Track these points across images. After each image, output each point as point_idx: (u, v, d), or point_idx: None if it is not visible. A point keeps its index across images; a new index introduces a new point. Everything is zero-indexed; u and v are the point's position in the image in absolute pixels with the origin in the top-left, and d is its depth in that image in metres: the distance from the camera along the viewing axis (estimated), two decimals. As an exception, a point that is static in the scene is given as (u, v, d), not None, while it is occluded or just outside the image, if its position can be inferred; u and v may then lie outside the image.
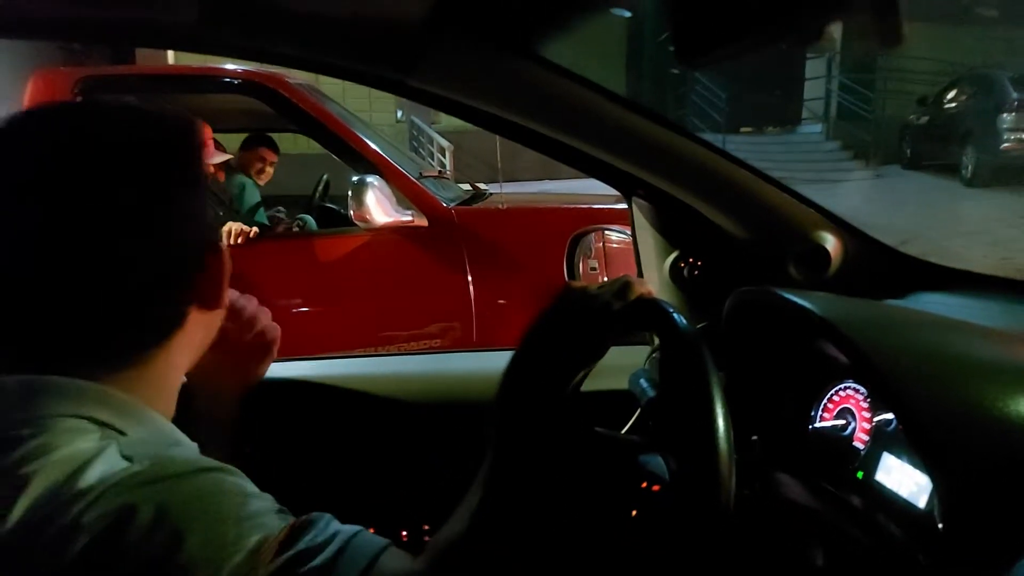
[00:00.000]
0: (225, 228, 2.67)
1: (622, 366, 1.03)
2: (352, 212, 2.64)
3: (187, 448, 0.62)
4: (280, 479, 1.04)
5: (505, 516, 0.58)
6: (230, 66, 2.91)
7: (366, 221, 2.63)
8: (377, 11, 0.86)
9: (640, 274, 1.18)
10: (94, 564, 0.48)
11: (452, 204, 2.93)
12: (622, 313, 0.67)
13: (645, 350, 1.19)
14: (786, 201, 1.05)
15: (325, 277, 2.79)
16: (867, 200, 9.91)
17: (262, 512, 0.54)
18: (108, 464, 0.52)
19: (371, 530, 0.56)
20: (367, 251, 2.76)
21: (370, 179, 2.63)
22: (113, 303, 0.61)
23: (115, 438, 0.56)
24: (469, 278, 2.76)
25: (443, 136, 10.54)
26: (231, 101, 3.37)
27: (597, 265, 1.53)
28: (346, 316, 2.76)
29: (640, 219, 1.16)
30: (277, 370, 1.18)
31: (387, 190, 2.67)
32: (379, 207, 2.61)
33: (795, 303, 0.75)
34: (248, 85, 2.86)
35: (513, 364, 0.65)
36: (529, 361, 0.65)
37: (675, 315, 0.66)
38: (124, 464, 0.53)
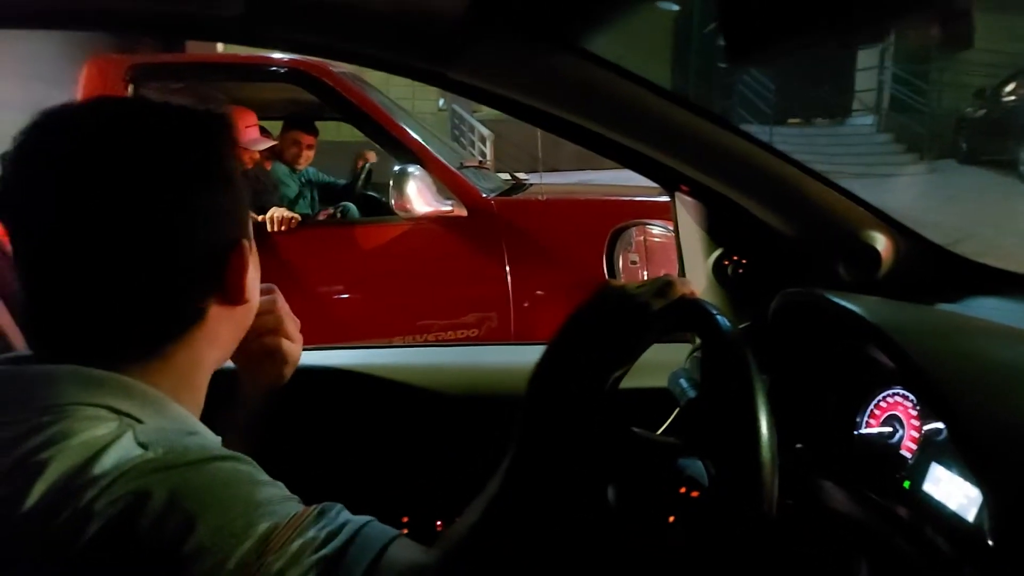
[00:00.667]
0: (268, 215, 2.70)
1: (662, 363, 1.02)
2: (393, 201, 2.66)
3: (204, 437, 0.62)
4: (309, 467, 1.06)
5: (521, 512, 0.57)
6: (277, 55, 2.94)
7: (406, 210, 2.65)
8: (418, 3, 0.86)
9: (682, 271, 1.16)
10: (107, 549, 0.49)
11: (492, 194, 2.93)
12: (662, 313, 0.66)
13: (686, 347, 1.17)
14: (835, 199, 1.02)
15: (365, 265, 2.81)
16: (920, 196, 9.62)
17: (273, 500, 0.55)
18: (123, 451, 0.53)
19: (404, 520, 0.56)
20: (407, 240, 2.78)
21: (411, 169, 2.65)
22: (131, 297, 0.62)
23: (132, 426, 0.56)
24: (507, 269, 2.75)
25: (484, 125, 10.54)
26: (278, 89, 3.42)
27: (638, 259, 1.51)
28: (385, 304, 2.77)
29: (683, 215, 1.14)
30: (308, 359, 1.19)
31: (428, 180, 2.69)
32: (420, 197, 2.63)
33: (843, 307, 0.73)
34: (294, 73, 2.88)
35: (545, 358, 0.63)
36: (561, 357, 0.63)
37: (718, 316, 0.64)
38: (139, 451, 0.54)
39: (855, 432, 0.86)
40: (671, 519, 0.56)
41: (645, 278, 1.51)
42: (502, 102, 0.98)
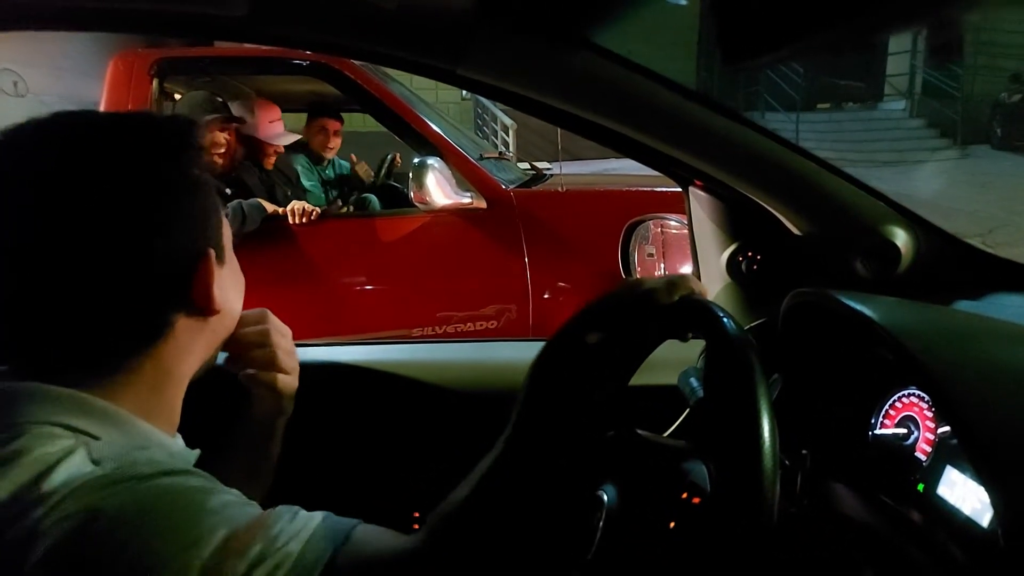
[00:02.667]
0: (288, 207, 2.72)
1: (675, 360, 1.01)
2: (412, 194, 2.67)
3: (160, 451, 0.61)
4: (318, 465, 1.07)
5: (506, 500, 0.56)
6: (299, 48, 2.95)
7: (426, 203, 2.65)
8: (427, 0, 0.85)
9: (696, 266, 1.14)
10: (57, 568, 0.48)
11: (511, 186, 2.92)
12: (667, 310, 0.65)
13: (699, 344, 1.15)
14: (854, 193, 0.99)
15: (384, 257, 2.82)
16: (953, 182, 9.40)
17: (228, 506, 0.55)
18: (74, 467, 0.53)
19: (416, 515, 0.56)
20: (427, 232, 2.78)
21: (430, 161, 2.65)
22: (92, 313, 0.61)
23: (87, 443, 0.56)
24: (527, 260, 2.75)
25: (507, 115, 10.50)
26: (300, 82, 3.43)
27: (654, 252, 1.50)
28: (404, 296, 2.79)
29: (697, 210, 1.12)
30: (316, 355, 1.20)
31: (447, 172, 2.69)
32: (439, 189, 2.63)
33: (853, 309, 0.71)
34: (316, 66, 2.89)
35: (549, 346, 0.63)
36: (564, 345, 0.62)
37: (723, 318, 0.63)
38: (91, 468, 0.53)
39: (870, 433, 0.84)
40: (672, 524, 0.56)
41: (662, 270, 1.51)
42: (514, 98, 0.97)
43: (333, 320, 2.74)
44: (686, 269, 1.40)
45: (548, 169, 3.45)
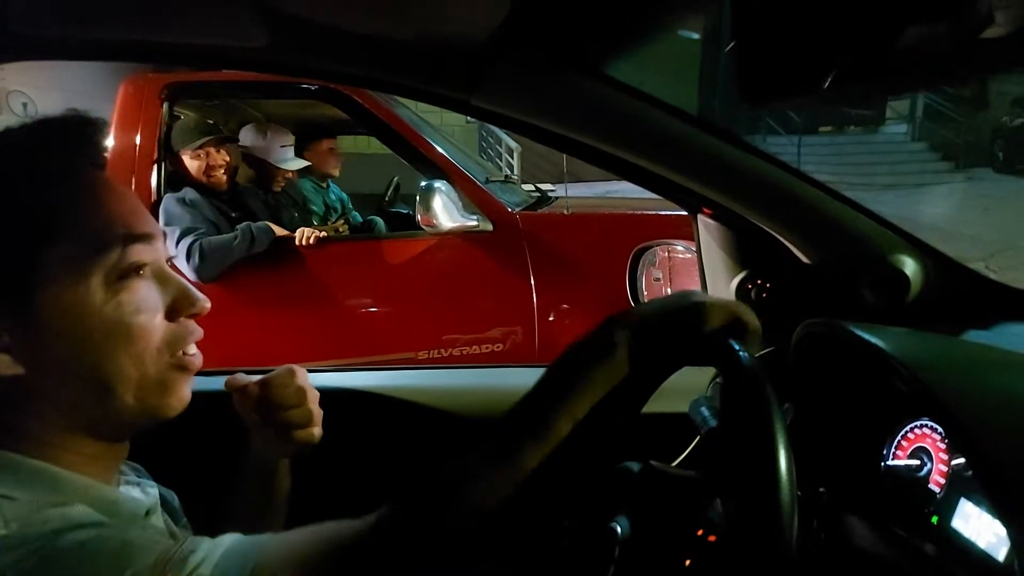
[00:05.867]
0: (299, 232, 2.74)
1: (684, 388, 1.00)
2: (419, 217, 2.68)
3: (78, 507, 0.58)
4: (328, 491, 1.06)
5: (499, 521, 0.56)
6: (307, 72, 2.98)
7: (433, 226, 2.67)
8: (441, 32, 0.86)
9: (705, 293, 1.14)
10: None
11: (518, 209, 2.93)
12: (678, 345, 0.64)
13: (709, 371, 1.15)
14: (863, 222, 1.00)
15: (391, 280, 2.83)
16: (955, 206, 9.40)
17: (137, 545, 0.54)
18: None
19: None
20: (433, 255, 2.79)
21: (437, 184, 2.66)
22: None
23: (0, 505, 0.55)
24: (533, 284, 2.75)
25: (511, 137, 10.54)
26: (308, 106, 3.46)
27: (661, 276, 1.50)
28: (411, 319, 2.79)
29: (706, 237, 1.12)
30: (323, 381, 1.19)
31: (454, 195, 2.70)
32: (445, 212, 2.64)
33: (866, 340, 0.71)
34: (324, 91, 2.92)
35: (571, 352, 0.62)
36: (562, 375, 0.61)
37: (739, 349, 0.63)
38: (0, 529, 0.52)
39: (882, 464, 0.84)
40: (687, 563, 0.55)
41: (659, 290, 1.50)
42: (524, 127, 0.97)
43: (340, 342, 2.74)
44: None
45: (552, 191, 3.46)
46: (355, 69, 0.89)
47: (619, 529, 0.61)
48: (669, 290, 1.49)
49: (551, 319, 2.76)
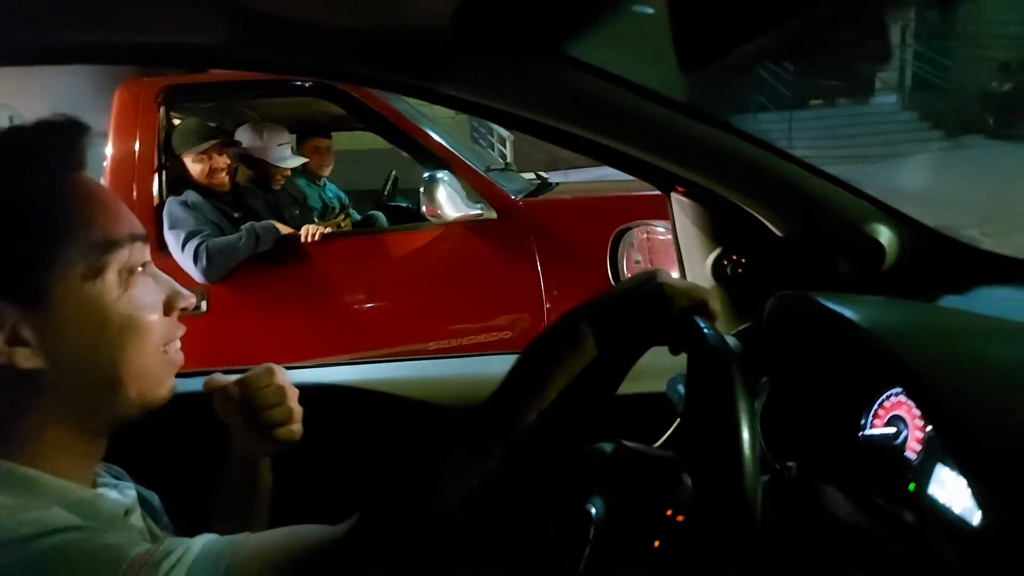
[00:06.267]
0: (303, 229, 2.73)
1: (665, 367, 0.99)
2: (424, 208, 2.66)
3: (54, 510, 0.57)
4: (318, 487, 1.05)
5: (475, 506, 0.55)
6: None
7: (438, 216, 2.64)
8: (401, 19, 0.84)
9: (682, 272, 1.12)
10: None
11: (519, 196, 2.91)
12: (647, 324, 0.63)
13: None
14: (835, 193, 0.97)
15: (397, 272, 2.81)
16: (947, 175, 9.30)
17: (114, 548, 0.54)
18: None
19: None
20: (438, 246, 2.77)
21: (440, 175, 2.64)
22: None
23: None
24: (539, 269, 2.74)
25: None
26: (304, 104, 3.42)
27: (641, 259, 1.48)
28: (418, 310, 2.77)
29: (680, 215, 1.10)
30: (311, 376, 1.18)
31: (457, 185, 2.68)
32: (450, 202, 2.63)
33: (835, 311, 0.69)
34: (320, 88, 2.90)
35: (538, 342, 0.61)
36: (558, 340, 0.61)
37: (704, 328, 0.62)
38: None
39: (860, 434, 0.82)
40: (656, 544, 0.54)
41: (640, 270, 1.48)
42: (492, 113, 0.95)
43: (349, 336, 2.73)
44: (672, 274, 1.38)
45: (546, 179, 3.43)
46: (314, 61, 0.87)
47: (594, 511, 0.60)
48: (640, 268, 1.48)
49: (558, 304, 2.73)
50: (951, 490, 0.69)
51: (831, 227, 0.97)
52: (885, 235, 0.97)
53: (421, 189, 2.66)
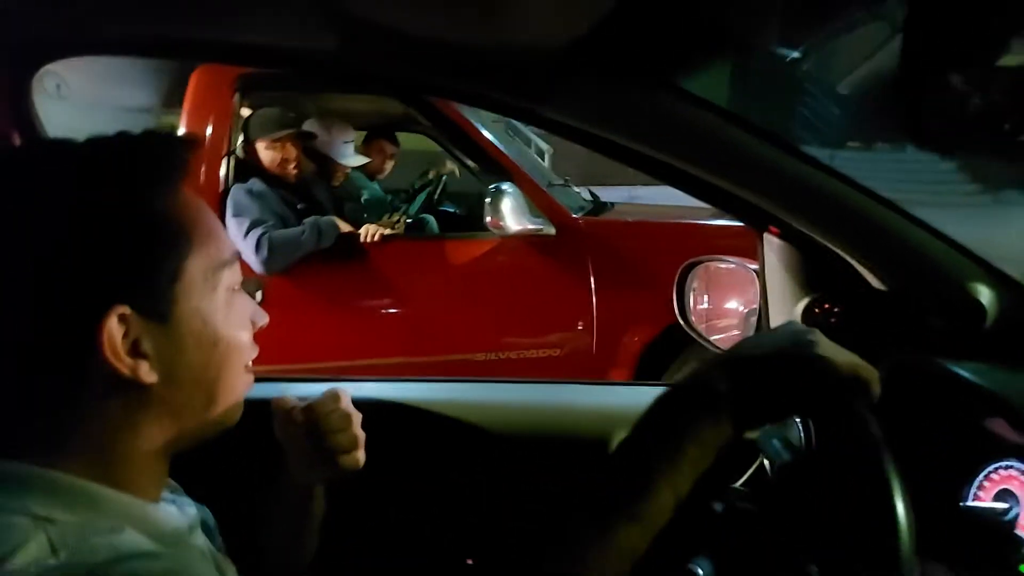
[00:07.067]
0: (364, 229, 2.71)
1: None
2: (488, 219, 2.63)
3: (125, 533, 0.53)
4: (367, 511, 1.01)
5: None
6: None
7: (500, 228, 2.61)
8: (510, 39, 0.80)
9: (766, 316, 1.06)
10: None
11: (579, 213, 2.85)
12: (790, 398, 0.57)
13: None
14: (939, 248, 0.91)
15: (451, 280, 2.78)
16: (988, 229, 8.96)
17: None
18: (30, 556, 0.47)
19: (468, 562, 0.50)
20: (495, 257, 2.74)
21: (505, 187, 2.62)
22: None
23: (45, 528, 0.49)
24: (593, 289, 2.69)
25: (541, 139, 10.37)
26: (370, 100, 3.37)
27: (714, 290, 1.41)
28: (471, 320, 2.74)
29: (771, 257, 1.04)
30: (363, 391, 1.13)
31: (520, 198, 2.64)
32: (513, 215, 2.60)
33: (964, 378, 0.63)
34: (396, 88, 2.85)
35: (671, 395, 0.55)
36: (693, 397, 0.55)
37: (869, 424, 0.55)
38: (48, 555, 0.47)
39: (961, 504, 0.76)
40: None
41: (710, 309, 1.41)
42: (593, 140, 0.91)
43: (396, 339, 2.70)
44: (739, 309, 1.32)
45: (599, 198, 3.39)
46: (423, 76, 0.83)
47: (700, 572, 0.55)
48: (726, 304, 1.40)
49: (610, 326, 2.68)
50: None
51: (932, 283, 0.90)
52: (986, 295, 0.90)
53: (487, 200, 2.64)
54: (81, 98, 2.82)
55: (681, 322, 1.27)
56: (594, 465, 0.55)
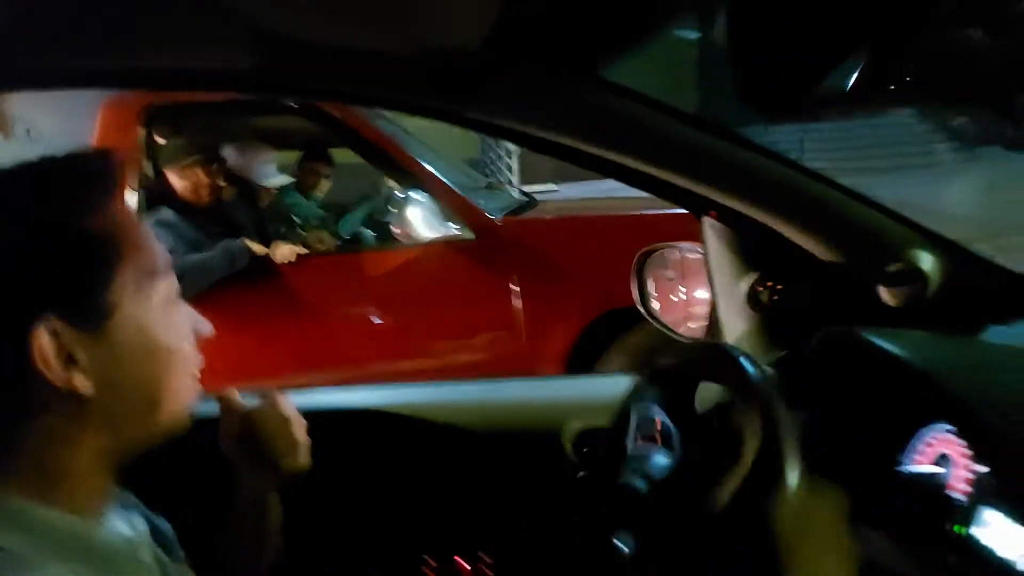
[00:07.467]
0: (273, 248, 2.83)
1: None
2: (396, 229, 2.75)
3: (43, 569, 0.56)
4: (323, 516, 1.06)
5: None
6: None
7: (409, 237, 2.75)
8: (429, 42, 0.86)
9: (714, 298, 1.14)
10: None
11: (501, 215, 2.96)
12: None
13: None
14: (876, 218, 0.99)
15: (374, 291, 2.89)
16: (960, 187, 9.29)
17: None
18: None
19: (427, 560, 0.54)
20: (415, 266, 2.86)
21: (411, 194, 2.75)
22: None
23: None
24: (517, 290, 2.80)
25: (509, 136, 10.44)
26: (288, 121, 3.47)
27: (673, 275, 1.48)
28: (394, 330, 2.85)
29: (713, 240, 1.12)
30: (319, 400, 1.20)
31: (431, 205, 2.76)
32: (422, 223, 2.72)
33: (882, 348, 0.70)
34: (302, 106, 2.95)
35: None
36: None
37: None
38: None
39: (900, 471, 0.82)
40: None
41: (682, 295, 1.49)
42: (520, 137, 0.97)
43: (324, 355, 2.82)
44: (696, 294, 1.39)
45: (555, 191, 3.49)
46: (345, 86, 0.89)
47: (625, 549, 0.61)
48: (683, 288, 1.47)
49: (537, 324, 2.80)
50: (999, 534, 0.68)
51: (873, 254, 0.98)
52: (928, 262, 0.97)
53: (392, 209, 2.77)
54: (53, 138, 2.91)
55: (641, 310, 1.34)
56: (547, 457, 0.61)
